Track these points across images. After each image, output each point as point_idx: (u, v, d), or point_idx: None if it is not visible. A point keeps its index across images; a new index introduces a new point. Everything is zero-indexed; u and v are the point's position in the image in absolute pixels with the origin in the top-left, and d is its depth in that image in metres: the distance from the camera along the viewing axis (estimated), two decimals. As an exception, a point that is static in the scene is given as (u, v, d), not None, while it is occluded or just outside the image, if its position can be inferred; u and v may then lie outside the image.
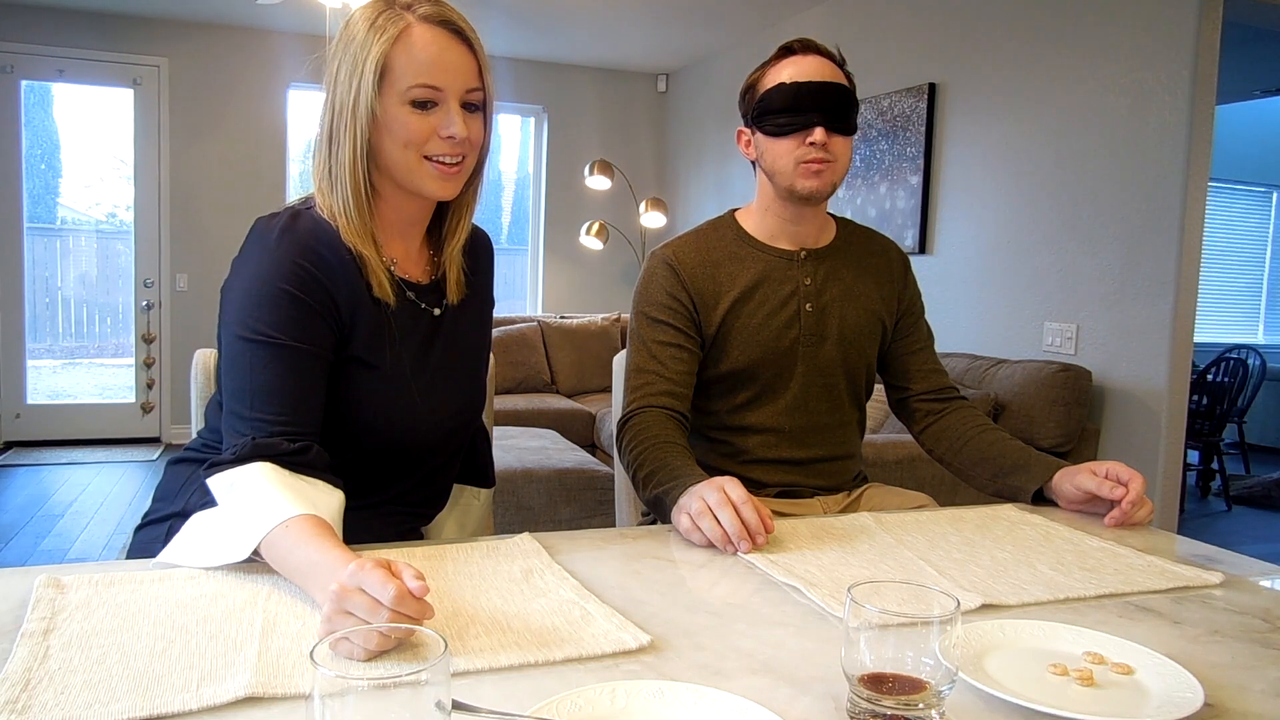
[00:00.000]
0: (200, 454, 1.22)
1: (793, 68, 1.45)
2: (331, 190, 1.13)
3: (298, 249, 1.10)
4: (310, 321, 1.09)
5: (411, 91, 1.09)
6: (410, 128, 1.10)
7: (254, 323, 1.07)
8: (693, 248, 1.55)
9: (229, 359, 1.09)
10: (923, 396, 1.60)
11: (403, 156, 1.11)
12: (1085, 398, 3.12)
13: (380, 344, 1.16)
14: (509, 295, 6.50)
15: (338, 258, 1.12)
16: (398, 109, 1.10)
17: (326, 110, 1.13)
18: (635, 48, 5.84)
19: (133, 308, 5.67)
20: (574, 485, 2.98)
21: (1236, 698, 0.76)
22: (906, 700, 0.67)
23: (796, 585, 0.99)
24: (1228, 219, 7.13)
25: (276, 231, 1.11)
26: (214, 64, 5.54)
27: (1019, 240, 3.55)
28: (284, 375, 1.07)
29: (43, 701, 0.67)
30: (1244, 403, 5.54)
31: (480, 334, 1.33)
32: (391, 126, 1.10)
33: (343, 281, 1.12)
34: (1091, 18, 3.22)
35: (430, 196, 1.15)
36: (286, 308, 1.08)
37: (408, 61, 1.08)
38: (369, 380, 1.16)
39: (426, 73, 1.09)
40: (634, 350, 1.52)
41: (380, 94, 1.09)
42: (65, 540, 3.81)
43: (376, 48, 1.08)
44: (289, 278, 1.08)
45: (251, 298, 1.08)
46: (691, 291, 1.51)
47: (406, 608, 0.74)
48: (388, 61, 1.08)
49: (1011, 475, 1.43)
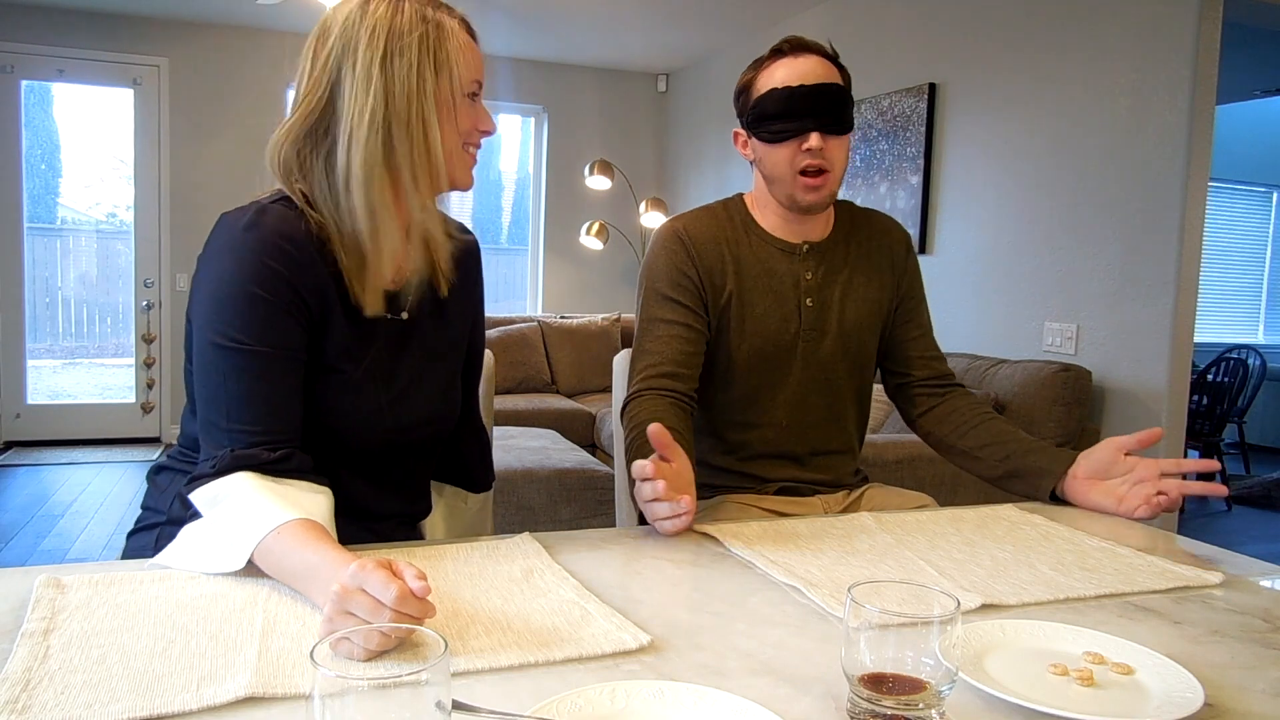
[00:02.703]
0: (180, 463, 1.20)
1: (785, 70, 1.45)
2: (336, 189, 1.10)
3: (265, 248, 1.06)
4: (281, 323, 1.07)
5: (471, 85, 1.14)
6: (472, 118, 1.16)
7: (224, 327, 1.04)
8: (705, 223, 1.54)
9: (201, 366, 1.07)
10: (922, 383, 1.60)
11: (455, 146, 1.15)
12: (1085, 398, 3.12)
13: (349, 349, 1.13)
14: (509, 295, 6.50)
15: (306, 255, 1.09)
16: (462, 100, 1.14)
17: (372, 98, 1.07)
18: (635, 48, 5.84)
19: (133, 308, 5.67)
20: (574, 485, 2.98)
21: (1236, 698, 0.76)
22: (906, 700, 0.67)
23: (796, 585, 0.98)
24: (1228, 219, 7.13)
25: (242, 229, 1.07)
26: (214, 64, 5.54)
27: (1019, 240, 3.55)
28: (258, 383, 1.05)
29: (43, 701, 0.67)
30: (1244, 403, 5.54)
31: (455, 339, 1.29)
32: (459, 117, 1.14)
33: (312, 280, 1.09)
34: (1091, 18, 3.22)
35: (464, 187, 1.20)
36: (256, 310, 1.05)
37: (468, 57, 1.13)
38: (336, 385, 1.14)
39: (477, 67, 1.15)
40: (640, 329, 1.52)
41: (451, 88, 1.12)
42: (65, 540, 3.81)
43: (444, 42, 1.10)
44: (256, 278, 1.05)
45: (219, 301, 1.06)
46: (701, 269, 1.50)
47: (409, 608, 0.74)
48: (452, 56, 1.11)
49: (1028, 457, 1.42)
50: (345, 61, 1.09)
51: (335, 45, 1.09)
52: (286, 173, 1.12)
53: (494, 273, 6.47)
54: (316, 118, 1.10)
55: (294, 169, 1.12)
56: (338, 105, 1.09)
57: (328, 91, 1.09)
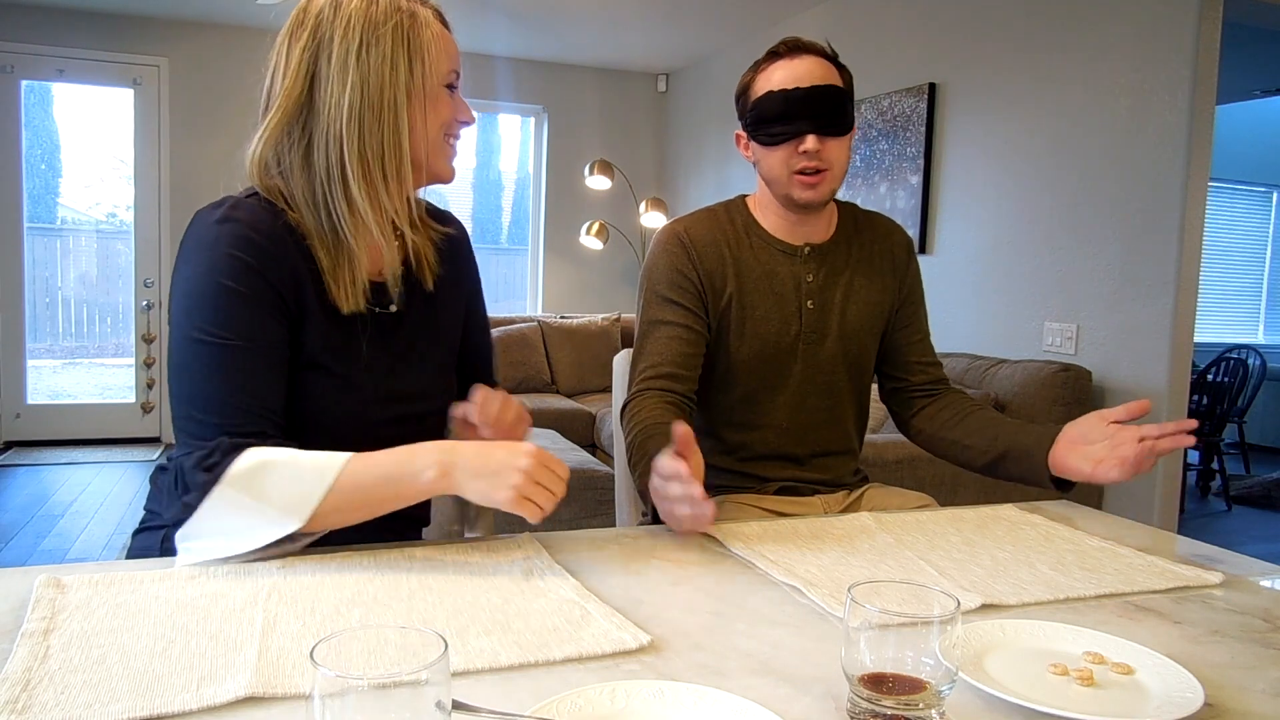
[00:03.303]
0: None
1: (782, 72, 1.45)
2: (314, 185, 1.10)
3: (236, 242, 1.06)
4: (257, 316, 1.06)
5: (449, 75, 1.14)
6: (451, 108, 1.15)
7: (201, 322, 1.04)
8: (705, 225, 1.54)
9: (180, 363, 1.06)
10: (918, 388, 1.61)
11: (436, 137, 1.15)
12: (1085, 398, 3.12)
13: (331, 345, 1.13)
14: (509, 295, 6.50)
15: (280, 249, 1.08)
16: (439, 90, 1.13)
17: (349, 90, 1.07)
18: (635, 48, 5.84)
19: (133, 308, 5.67)
20: (574, 485, 2.95)
21: (1236, 698, 0.76)
22: (906, 700, 0.67)
23: (796, 585, 0.99)
24: (1228, 219, 7.13)
25: (214, 223, 1.07)
26: (214, 64, 5.54)
27: (1019, 240, 3.55)
28: (239, 375, 1.05)
29: (43, 701, 0.67)
30: (1244, 403, 5.54)
31: (444, 331, 1.28)
32: (437, 108, 1.13)
33: (288, 274, 1.09)
34: (1091, 18, 3.22)
35: (446, 179, 1.19)
36: (231, 305, 1.05)
37: (443, 46, 1.13)
38: (322, 382, 1.13)
39: (453, 57, 1.15)
40: (640, 331, 1.53)
41: (426, 77, 1.12)
42: (65, 540, 3.81)
43: (418, 32, 1.10)
44: (229, 272, 1.05)
45: (193, 297, 1.06)
46: (701, 271, 1.51)
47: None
48: (426, 46, 1.11)
49: (1015, 436, 1.40)
50: (321, 55, 1.09)
51: (310, 40, 1.09)
52: (264, 172, 1.12)
53: (494, 273, 6.47)
54: (294, 114, 1.10)
55: (272, 167, 1.12)
56: (315, 99, 1.09)
57: (306, 86, 1.09)
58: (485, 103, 6.15)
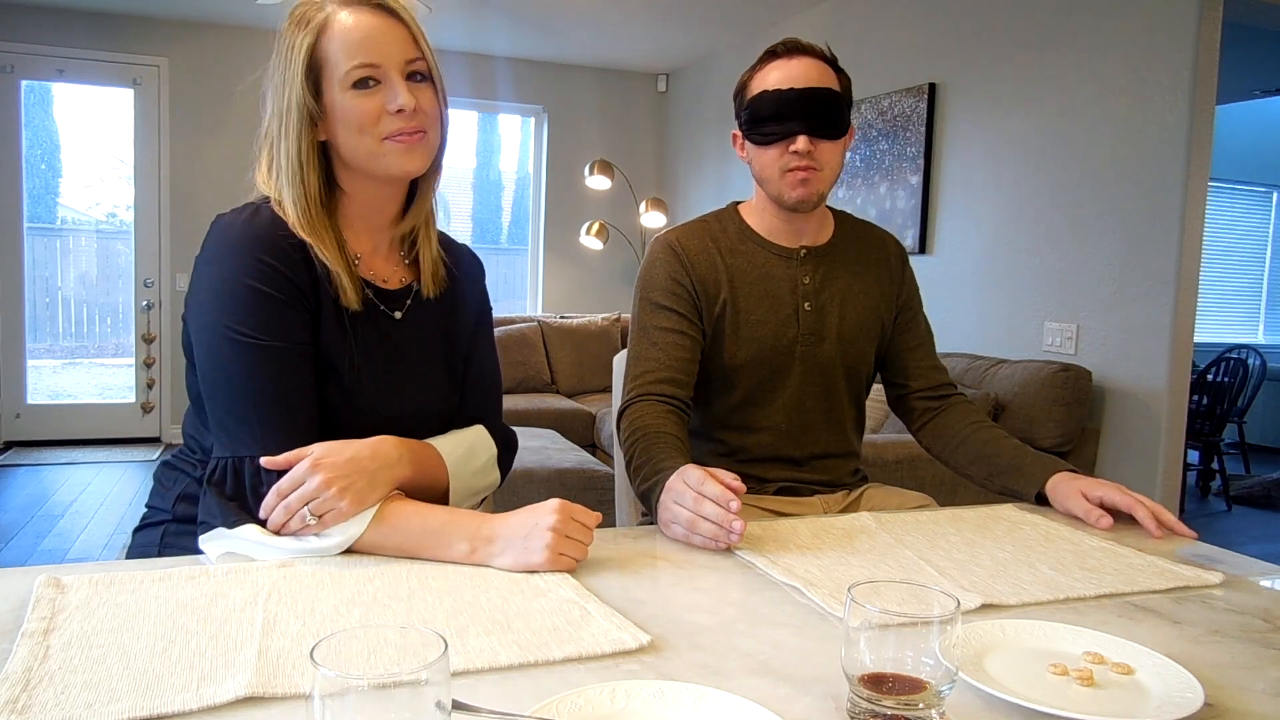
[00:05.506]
0: (185, 464, 1.21)
1: (778, 72, 1.45)
2: (282, 192, 1.13)
3: (260, 244, 1.08)
4: (288, 317, 1.09)
5: (350, 74, 1.09)
6: (358, 111, 1.10)
7: (236, 324, 1.06)
8: (697, 234, 1.55)
9: (215, 365, 1.07)
10: (921, 394, 1.61)
11: (360, 143, 1.11)
12: (1085, 398, 3.12)
13: (341, 345, 1.14)
14: (509, 295, 6.50)
15: (300, 253, 1.11)
16: (342, 96, 1.10)
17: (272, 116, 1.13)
18: (635, 48, 5.84)
19: (133, 308, 5.67)
20: (574, 485, 2.98)
21: (1236, 698, 0.76)
22: (906, 700, 0.67)
23: (796, 585, 0.99)
24: (1228, 219, 7.13)
25: (238, 228, 1.10)
26: (214, 64, 5.54)
27: (1019, 240, 3.55)
28: (281, 375, 1.07)
29: (43, 701, 0.67)
30: (1244, 403, 5.54)
31: (453, 338, 1.28)
32: (342, 115, 1.10)
33: (307, 276, 1.11)
34: (1091, 18, 3.22)
35: (400, 175, 1.15)
36: (264, 306, 1.07)
37: (340, 46, 1.09)
38: (333, 382, 1.14)
39: (359, 52, 1.09)
40: (635, 337, 1.53)
41: (322, 88, 1.10)
42: (65, 540, 3.81)
43: (304, 41, 1.09)
44: (259, 275, 1.07)
45: (226, 299, 1.07)
46: (694, 278, 1.51)
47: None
48: (319, 54, 1.10)
49: (1007, 476, 1.44)
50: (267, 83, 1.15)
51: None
52: (266, 178, 1.17)
53: (494, 273, 6.45)
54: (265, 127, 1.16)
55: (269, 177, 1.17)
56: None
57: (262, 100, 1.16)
58: (485, 103, 6.15)
